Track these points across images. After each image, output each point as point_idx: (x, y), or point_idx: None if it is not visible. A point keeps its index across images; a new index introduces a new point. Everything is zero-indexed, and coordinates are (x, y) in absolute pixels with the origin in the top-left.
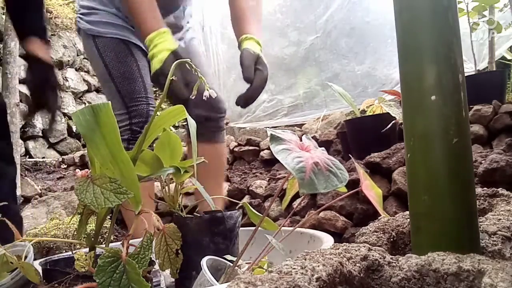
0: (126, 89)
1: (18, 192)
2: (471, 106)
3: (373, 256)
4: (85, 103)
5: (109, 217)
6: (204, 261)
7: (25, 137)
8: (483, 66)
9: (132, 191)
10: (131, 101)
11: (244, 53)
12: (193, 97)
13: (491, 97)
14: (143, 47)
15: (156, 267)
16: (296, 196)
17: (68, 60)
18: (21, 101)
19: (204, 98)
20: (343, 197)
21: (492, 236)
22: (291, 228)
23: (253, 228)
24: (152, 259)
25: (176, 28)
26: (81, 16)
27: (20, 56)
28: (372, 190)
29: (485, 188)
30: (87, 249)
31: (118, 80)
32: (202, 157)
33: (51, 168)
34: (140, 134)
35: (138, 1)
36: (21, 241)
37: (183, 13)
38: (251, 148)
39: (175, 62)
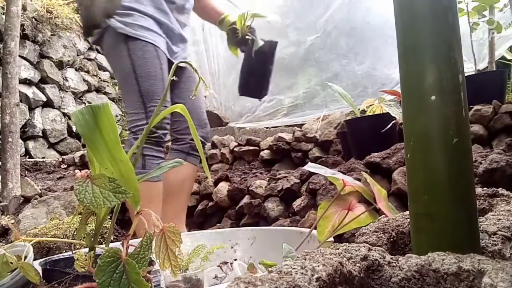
0: (147, 89)
1: (18, 192)
2: (471, 106)
3: (373, 256)
4: (85, 103)
5: (109, 217)
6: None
7: (25, 137)
8: (483, 66)
9: (131, 191)
10: (150, 101)
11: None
12: (193, 98)
13: (491, 97)
14: (168, 56)
15: (157, 266)
16: (297, 196)
17: (68, 60)
18: (21, 101)
19: (204, 97)
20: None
21: (492, 236)
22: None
23: (254, 228)
24: (152, 259)
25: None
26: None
27: (20, 56)
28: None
29: (485, 188)
30: (87, 249)
31: (142, 80)
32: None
33: (51, 168)
34: (153, 134)
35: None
36: (21, 241)
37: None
38: (251, 148)
39: (175, 64)
